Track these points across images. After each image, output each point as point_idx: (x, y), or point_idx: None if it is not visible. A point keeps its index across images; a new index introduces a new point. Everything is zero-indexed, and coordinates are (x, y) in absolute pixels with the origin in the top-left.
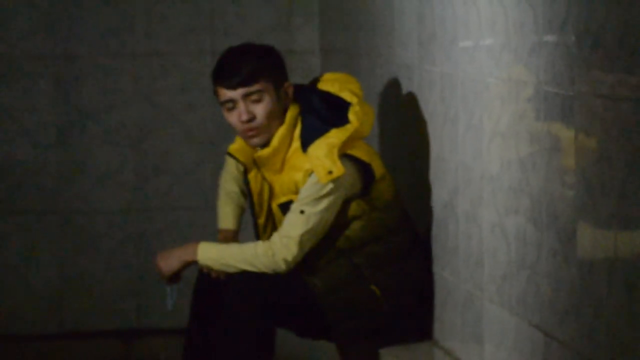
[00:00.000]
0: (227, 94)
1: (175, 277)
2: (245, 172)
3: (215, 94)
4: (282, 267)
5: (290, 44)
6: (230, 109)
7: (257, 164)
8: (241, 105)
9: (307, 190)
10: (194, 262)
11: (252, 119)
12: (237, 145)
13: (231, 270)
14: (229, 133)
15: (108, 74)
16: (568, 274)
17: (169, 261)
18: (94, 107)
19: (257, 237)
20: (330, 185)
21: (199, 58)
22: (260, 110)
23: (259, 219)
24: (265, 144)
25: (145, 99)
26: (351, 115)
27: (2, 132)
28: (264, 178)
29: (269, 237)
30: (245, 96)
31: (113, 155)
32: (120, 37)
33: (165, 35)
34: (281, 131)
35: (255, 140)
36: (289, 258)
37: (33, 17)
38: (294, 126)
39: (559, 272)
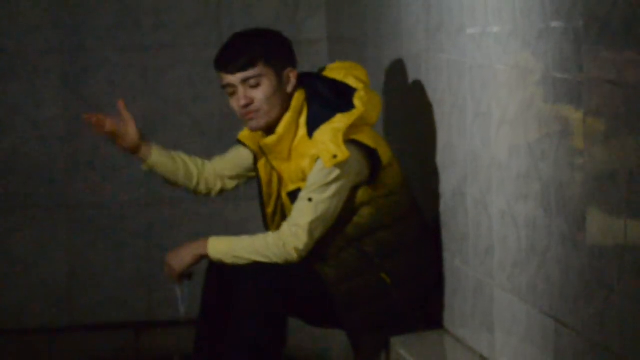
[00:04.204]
0: (226, 78)
1: (186, 275)
2: (255, 161)
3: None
4: (294, 256)
5: (297, 34)
6: (232, 94)
7: (263, 151)
8: (240, 90)
9: (314, 177)
10: (205, 257)
11: (249, 103)
12: (247, 133)
13: (242, 262)
14: (237, 124)
15: (116, 67)
16: (578, 260)
17: (180, 257)
18: (102, 100)
19: (266, 226)
20: (337, 172)
21: (205, 50)
22: (259, 94)
23: (267, 209)
24: (266, 129)
25: (153, 91)
26: (356, 101)
27: (11, 126)
28: (272, 167)
29: (277, 227)
30: (244, 81)
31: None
32: (127, 30)
33: (172, 28)
34: (287, 118)
35: (253, 124)
36: (300, 247)
37: (40, 11)
38: (300, 113)
39: (569, 259)
